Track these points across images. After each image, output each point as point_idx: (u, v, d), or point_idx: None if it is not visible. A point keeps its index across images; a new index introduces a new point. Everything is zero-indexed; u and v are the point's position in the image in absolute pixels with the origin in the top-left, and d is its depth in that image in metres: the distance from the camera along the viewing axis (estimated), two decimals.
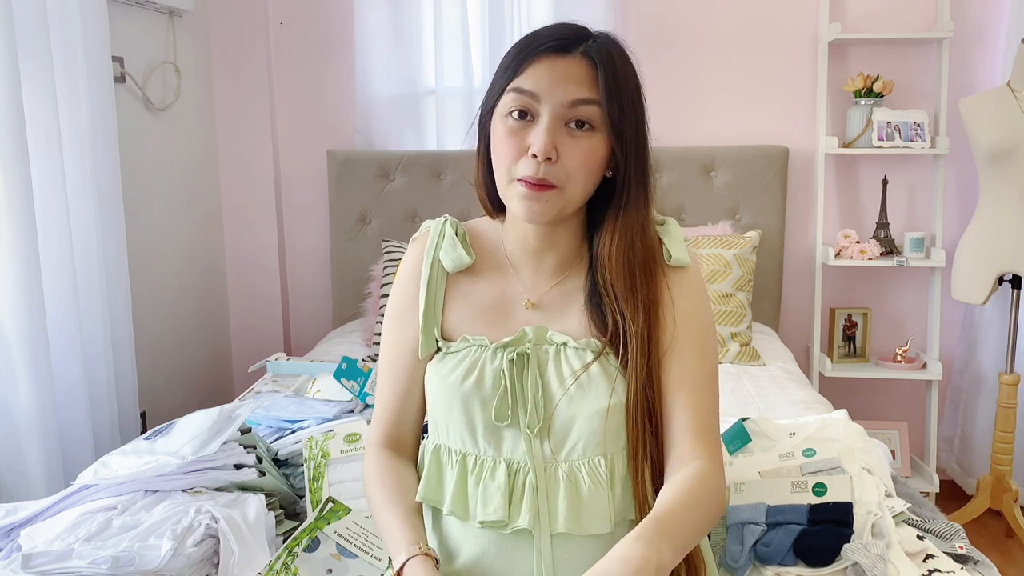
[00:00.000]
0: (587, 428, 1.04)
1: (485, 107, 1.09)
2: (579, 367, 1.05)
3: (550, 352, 1.07)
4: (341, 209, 2.99)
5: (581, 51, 1.02)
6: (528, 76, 1.02)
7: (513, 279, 1.13)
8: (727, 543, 1.30)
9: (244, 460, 1.58)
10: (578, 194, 1.04)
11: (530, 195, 1.01)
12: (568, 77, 1.01)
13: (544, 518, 1.04)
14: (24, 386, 1.90)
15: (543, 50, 1.02)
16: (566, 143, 1.01)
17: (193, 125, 2.91)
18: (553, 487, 1.04)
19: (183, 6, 2.71)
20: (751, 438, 1.57)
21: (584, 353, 1.06)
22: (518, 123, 1.02)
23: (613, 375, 1.05)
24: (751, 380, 2.39)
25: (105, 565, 1.25)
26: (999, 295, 2.81)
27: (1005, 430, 2.71)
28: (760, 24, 2.93)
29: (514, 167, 1.02)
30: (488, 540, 1.06)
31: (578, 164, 1.01)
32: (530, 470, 1.04)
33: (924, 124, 2.78)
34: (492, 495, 1.04)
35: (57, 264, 2.04)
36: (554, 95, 1.00)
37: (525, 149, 1.01)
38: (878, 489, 1.39)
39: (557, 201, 1.02)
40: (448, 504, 1.08)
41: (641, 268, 1.07)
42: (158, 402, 2.63)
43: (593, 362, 1.06)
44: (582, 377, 1.05)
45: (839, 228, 3.01)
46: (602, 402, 1.04)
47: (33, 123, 1.97)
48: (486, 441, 1.06)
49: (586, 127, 1.02)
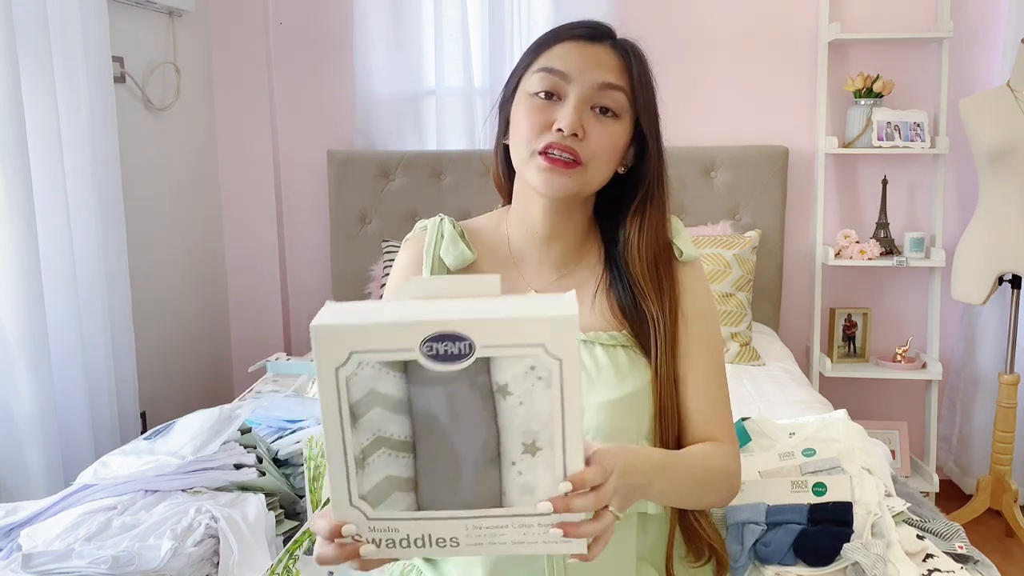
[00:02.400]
0: (595, 420, 1.04)
1: (507, 90, 1.09)
2: (588, 359, 1.05)
3: None
4: (341, 209, 2.99)
5: (611, 43, 1.06)
6: (558, 56, 1.04)
7: (516, 274, 1.13)
8: (727, 543, 1.30)
9: (244, 460, 1.58)
10: (598, 176, 1.06)
11: (553, 168, 1.02)
12: (599, 61, 1.04)
13: None
14: (24, 386, 1.90)
15: (573, 35, 1.05)
16: (592, 124, 1.03)
17: (193, 125, 2.91)
18: None
19: (183, 6, 2.71)
20: (751, 438, 1.57)
21: (592, 346, 1.07)
22: (544, 102, 1.03)
23: (623, 367, 1.06)
24: (751, 380, 2.39)
25: (105, 565, 1.25)
26: (999, 295, 2.81)
27: (1005, 430, 2.71)
28: (760, 24, 2.93)
29: (535, 141, 1.03)
30: None
31: (603, 145, 1.03)
32: None
33: (924, 124, 2.78)
34: None
35: (57, 264, 2.04)
36: (584, 76, 1.02)
37: (549, 125, 1.02)
38: (878, 489, 1.39)
39: (579, 178, 1.03)
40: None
41: (663, 262, 1.09)
42: (158, 402, 2.63)
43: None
44: (591, 369, 1.05)
45: (839, 228, 3.01)
46: (612, 393, 1.04)
47: (33, 123, 1.97)
48: None
49: (610, 114, 1.04)
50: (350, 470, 0.74)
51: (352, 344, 0.70)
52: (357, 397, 0.71)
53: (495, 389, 0.72)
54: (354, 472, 0.74)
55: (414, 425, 0.73)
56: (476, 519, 0.76)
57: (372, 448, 0.73)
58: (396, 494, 0.75)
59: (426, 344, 0.70)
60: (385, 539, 0.76)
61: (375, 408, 0.72)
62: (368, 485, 0.74)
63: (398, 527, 0.76)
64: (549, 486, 0.75)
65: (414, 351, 0.70)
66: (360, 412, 0.72)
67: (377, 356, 0.70)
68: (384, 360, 0.71)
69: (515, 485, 0.75)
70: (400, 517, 0.75)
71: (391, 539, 0.76)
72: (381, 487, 0.74)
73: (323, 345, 0.70)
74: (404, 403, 0.72)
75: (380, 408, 0.72)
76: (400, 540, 0.76)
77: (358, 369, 0.71)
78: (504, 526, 0.76)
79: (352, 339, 0.70)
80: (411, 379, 0.72)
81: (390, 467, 0.74)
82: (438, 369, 0.71)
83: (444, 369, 0.71)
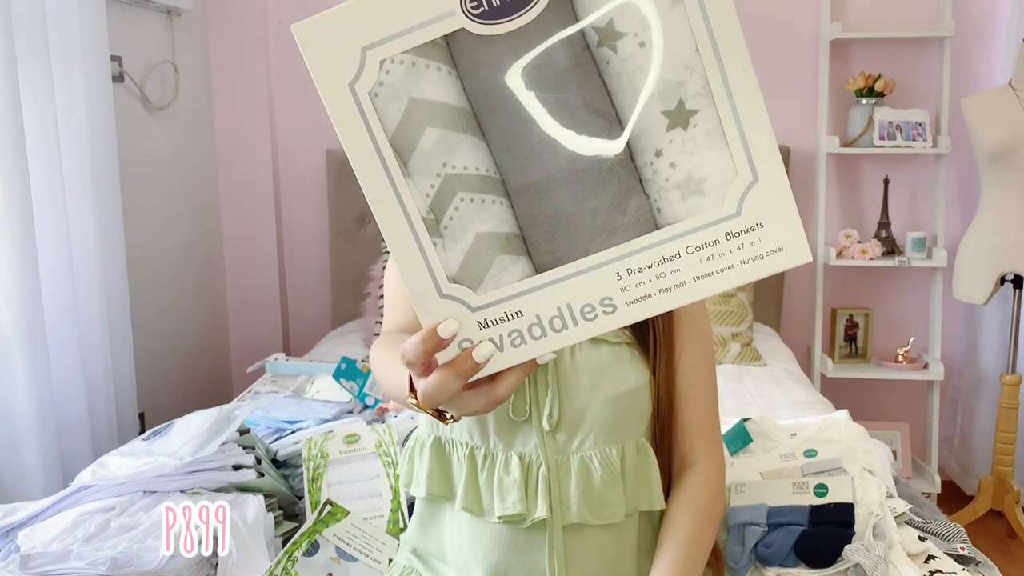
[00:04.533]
0: (600, 417, 1.04)
1: None
2: (593, 357, 1.05)
3: None
4: (340, 209, 2.98)
5: None
6: None
7: None
8: (728, 544, 1.30)
9: (243, 461, 1.58)
10: None
11: None
12: None
13: (557, 510, 1.03)
14: (22, 386, 1.90)
15: None
16: None
17: (192, 124, 2.91)
18: (565, 478, 1.04)
19: (182, 5, 2.71)
20: (752, 439, 1.57)
21: (599, 343, 1.07)
22: None
23: (626, 363, 1.06)
24: (752, 380, 2.38)
25: (104, 566, 1.25)
26: (1001, 295, 2.81)
27: (1007, 431, 2.71)
28: (761, 23, 2.92)
29: None
30: (500, 535, 1.05)
31: None
32: (543, 462, 1.04)
33: (925, 124, 2.78)
34: (509, 489, 1.03)
35: (55, 263, 2.03)
36: None
37: None
38: (879, 490, 1.38)
39: None
40: (461, 499, 1.06)
41: None
42: (157, 403, 2.62)
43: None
44: (597, 365, 1.05)
45: (840, 228, 3.00)
46: (616, 388, 1.04)
47: (31, 122, 1.96)
48: (496, 435, 1.05)
49: None
50: (423, 242, 0.50)
51: (362, 36, 0.47)
52: (396, 119, 0.48)
53: (594, 41, 0.46)
54: (430, 244, 0.51)
55: (491, 143, 0.49)
56: (631, 256, 0.49)
57: (445, 196, 0.50)
58: (500, 258, 0.51)
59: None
60: (509, 332, 0.52)
61: (427, 129, 0.49)
62: (457, 257, 0.51)
63: (523, 307, 0.51)
64: (724, 169, 0.47)
65: (455, 14, 0.46)
66: (408, 144, 0.49)
67: (405, 42, 0.47)
68: (417, 46, 0.47)
69: (669, 188, 0.48)
70: (521, 291, 0.51)
71: (516, 330, 0.52)
72: (477, 254, 0.51)
73: (319, 55, 0.47)
74: (467, 113, 0.48)
75: (434, 127, 0.49)
76: (530, 327, 0.51)
77: (383, 75, 0.47)
78: (675, 254, 0.49)
79: (359, 27, 0.47)
80: (464, 70, 0.47)
81: (479, 219, 0.50)
82: (499, 31, 0.46)
83: (508, 29, 0.46)
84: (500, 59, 0.45)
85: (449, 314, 0.51)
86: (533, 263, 0.50)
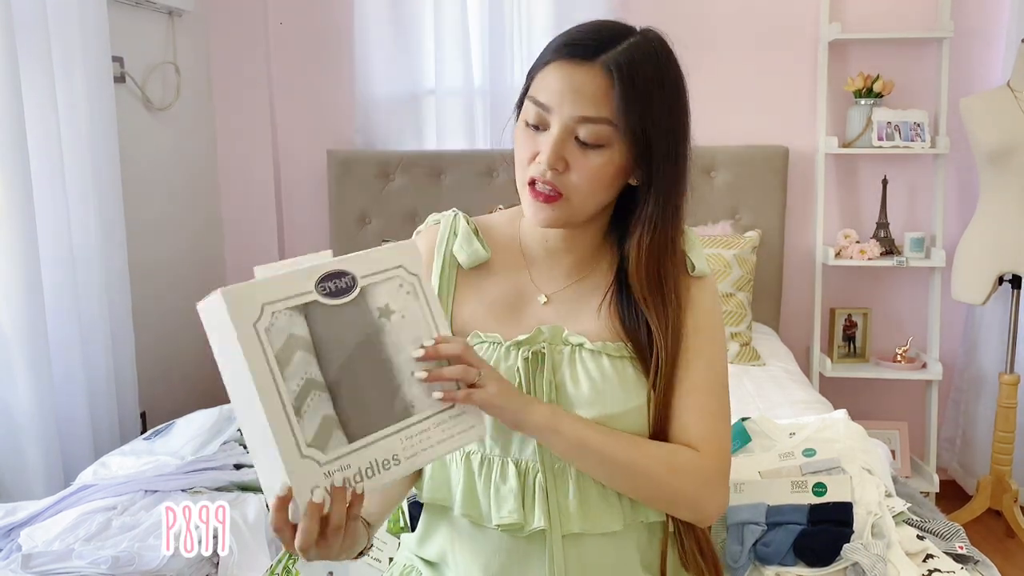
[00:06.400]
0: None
1: (520, 95, 1.07)
2: (594, 369, 1.04)
3: (565, 353, 1.05)
4: (341, 209, 2.99)
5: (602, 61, 0.98)
6: (544, 85, 1.00)
7: (526, 275, 1.12)
8: (727, 543, 1.31)
9: (244, 460, 1.58)
10: (588, 205, 1.03)
11: (536, 202, 1.01)
12: (579, 90, 0.97)
13: (555, 519, 1.02)
14: (24, 386, 1.90)
15: (565, 54, 0.99)
16: (575, 156, 0.99)
17: (193, 125, 2.91)
18: (562, 487, 1.03)
19: (183, 6, 2.71)
20: (751, 438, 1.57)
21: (600, 356, 1.05)
22: (533, 132, 1.02)
23: (628, 378, 1.04)
24: (751, 380, 2.39)
25: (105, 565, 1.25)
26: (999, 295, 2.81)
27: (1005, 430, 2.71)
28: (760, 24, 2.93)
29: (523, 172, 1.02)
30: (500, 543, 1.04)
31: (585, 179, 1.00)
32: (539, 471, 1.02)
33: (924, 124, 2.78)
34: (505, 497, 1.02)
35: (57, 264, 2.04)
36: (563, 109, 0.98)
37: (535, 156, 1.01)
38: (878, 489, 1.39)
39: (564, 210, 1.02)
40: (459, 505, 1.05)
41: (671, 279, 1.06)
42: (158, 402, 2.62)
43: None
44: (598, 380, 1.03)
45: (839, 228, 3.01)
46: (616, 407, 1.02)
47: (33, 123, 1.96)
48: (493, 441, 1.04)
49: (592, 145, 0.99)
50: (292, 421, 0.78)
51: (262, 297, 0.78)
52: (279, 344, 0.78)
53: (380, 314, 0.86)
54: (296, 422, 0.78)
55: (322, 363, 0.81)
56: (404, 430, 0.85)
57: (304, 393, 0.79)
58: (335, 432, 0.80)
59: (320, 284, 0.82)
60: (343, 477, 0.80)
61: (297, 352, 0.80)
62: (311, 431, 0.79)
63: (348, 463, 0.81)
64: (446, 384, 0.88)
65: (312, 292, 0.82)
66: (285, 359, 0.79)
67: (285, 303, 0.80)
68: (291, 306, 0.80)
69: (420, 391, 0.87)
70: (346, 452, 0.81)
71: (346, 478, 0.80)
72: (323, 430, 0.80)
73: (236, 307, 0.76)
74: (313, 345, 0.81)
75: (301, 351, 0.80)
76: (354, 476, 0.81)
77: (273, 319, 0.78)
78: (426, 429, 0.86)
79: (261, 293, 0.78)
80: (312, 322, 0.81)
81: (322, 407, 0.80)
82: (334, 303, 0.83)
83: (338, 303, 0.83)
84: (335, 320, 0.83)
85: (306, 471, 0.78)
86: (347, 435, 0.81)
